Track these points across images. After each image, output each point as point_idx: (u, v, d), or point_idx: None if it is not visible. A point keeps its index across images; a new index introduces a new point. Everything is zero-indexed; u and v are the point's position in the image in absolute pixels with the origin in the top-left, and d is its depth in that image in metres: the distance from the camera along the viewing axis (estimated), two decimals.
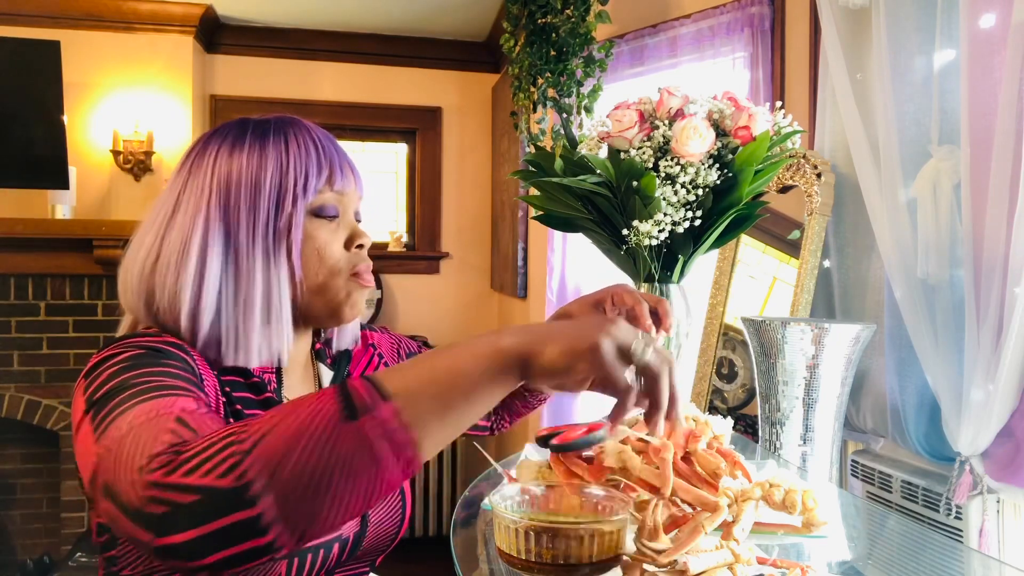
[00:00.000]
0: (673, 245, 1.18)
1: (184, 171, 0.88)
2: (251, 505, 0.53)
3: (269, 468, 0.53)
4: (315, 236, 0.88)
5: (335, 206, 0.90)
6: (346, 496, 0.55)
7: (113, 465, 0.59)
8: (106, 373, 0.72)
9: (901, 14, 1.47)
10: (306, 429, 0.55)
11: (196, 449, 0.56)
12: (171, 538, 0.54)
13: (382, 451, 0.55)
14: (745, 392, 1.86)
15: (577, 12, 2.29)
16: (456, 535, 0.95)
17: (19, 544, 3.39)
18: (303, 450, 0.54)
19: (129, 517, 0.56)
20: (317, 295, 0.89)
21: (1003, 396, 1.24)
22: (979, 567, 0.98)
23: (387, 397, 0.56)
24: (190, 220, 0.84)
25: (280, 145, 0.87)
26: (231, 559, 0.54)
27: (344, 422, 0.55)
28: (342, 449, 0.54)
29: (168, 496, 0.54)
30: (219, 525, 0.53)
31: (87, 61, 3.43)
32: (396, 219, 4.23)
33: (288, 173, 0.86)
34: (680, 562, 0.69)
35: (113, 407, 0.66)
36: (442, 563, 2.15)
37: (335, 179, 0.89)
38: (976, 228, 1.30)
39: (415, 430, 0.56)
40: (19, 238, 3.20)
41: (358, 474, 0.55)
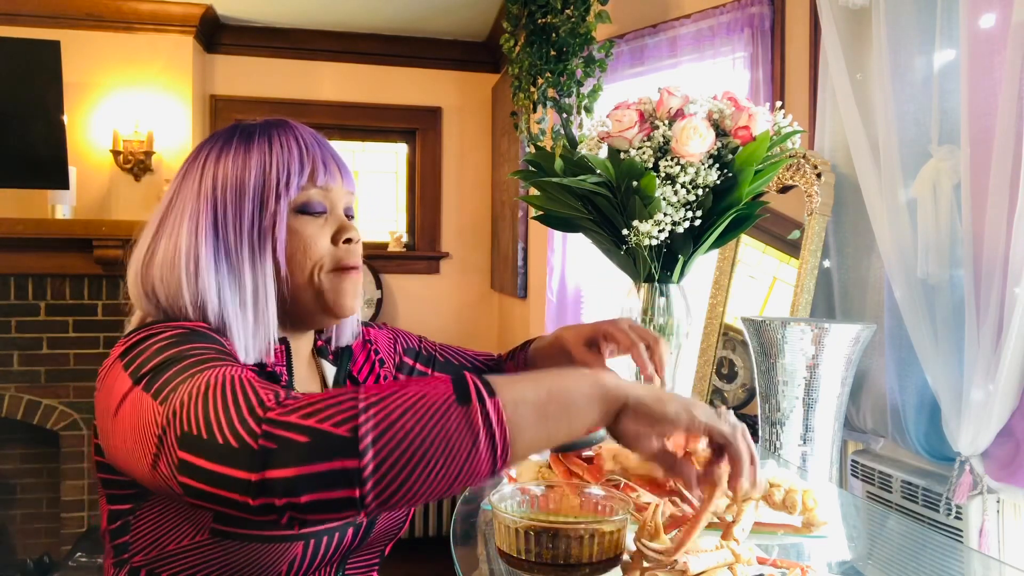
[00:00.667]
0: (673, 245, 1.18)
1: (179, 176, 0.91)
2: (358, 456, 0.58)
3: (381, 427, 0.59)
4: (301, 232, 0.89)
5: (321, 202, 0.91)
6: (439, 472, 0.60)
7: (199, 415, 0.63)
8: (151, 350, 0.74)
9: (901, 14, 1.47)
10: (421, 401, 0.60)
11: (313, 399, 0.61)
12: (275, 472, 0.58)
13: (482, 438, 0.60)
14: (745, 392, 1.86)
15: (577, 12, 2.29)
16: (456, 535, 0.95)
17: (19, 544, 3.39)
18: (415, 418, 0.59)
19: (224, 458, 0.60)
20: (305, 290, 0.90)
21: (1003, 396, 1.24)
22: (979, 567, 0.98)
23: (494, 393, 0.62)
24: (180, 222, 0.87)
25: (264, 146, 0.89)
26: (320, 504, 0.59)
27: (457, 404, 0.61)
28: (450, 426, 0.60)
29: (282, 433, 0.59)
30: (323, 467, 0.58)
31: (87, 61, 3.43)
32: (396, 219, 4.23)
33: (271, 172, 0.87)
34: (680, 562, 0.69)
35: (174, 374, 0.69)
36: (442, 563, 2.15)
37: (318, 175, 0.90)
38: (976, 228, 1.30)
39: (511, 427, 0.62)
40: (19, 238, 3.20)
41: (456, 454, 0.60)
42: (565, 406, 0.65)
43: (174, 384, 0.67)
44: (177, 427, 0.64)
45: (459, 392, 0.61)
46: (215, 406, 0.63)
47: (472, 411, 0.60)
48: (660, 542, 0.73)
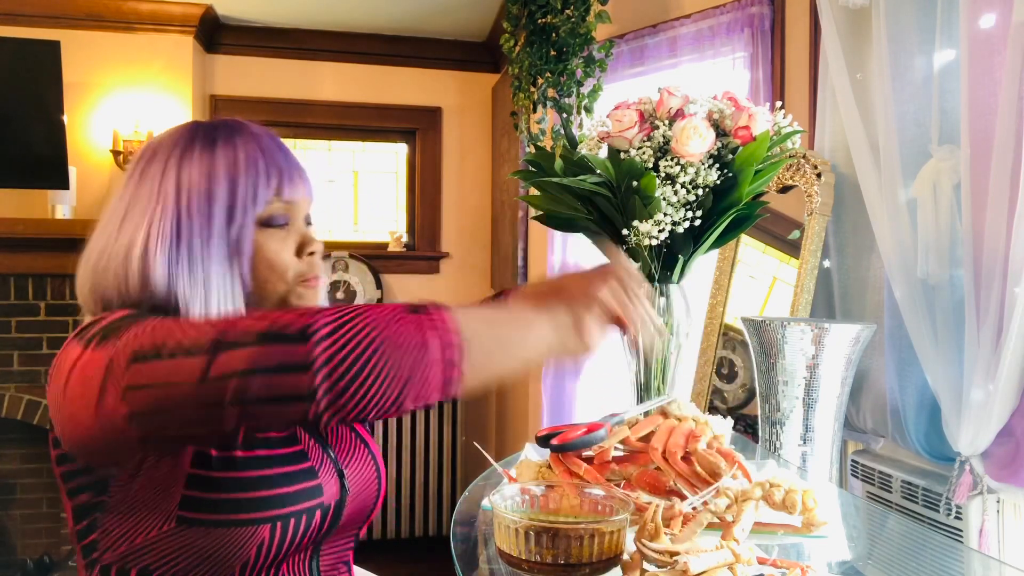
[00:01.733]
0: (673, 245, 1.18)
1: (135, 176, 0.89)
2: (308, 342, 0.61)
3: (334, 325, 0.62)
4: (265, 246, 0.89)
5: (284, 215, 0.91)
6: (390, 369, 0.62)
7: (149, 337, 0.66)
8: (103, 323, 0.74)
9: (901, 14, 1.47)
10: (373, 310, 0.64)
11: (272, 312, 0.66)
12: (227, 352, 0.61)
13: (431, 339, 0.63)
14: (745, 392, 1.86)
15: (577, 12, 2.29)
16: (456, 535, 0.95)
17: (19, 544, 3.39)
18: (366, 321, 0.63)
19: (176, 354, 0.63)
20: (267, 301, 0.90)
21: (1003, 396, 1.24)
22: (979, 567, 0.98)
23: (448, 310, 0.66)
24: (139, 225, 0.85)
25: (229, 154, 0.87)
26: (271, 397, 0.61)
27: (407, 312, 0.65)
28: (400, 328, 0.63)
29: (242, 324, 0.63)
30: (275, 352, 0.61)
31: (87, 61, 3.43)
32: (396, 219, 4.23)
33: (238, 184, 0.86)
34: (680, 562, 0.69)
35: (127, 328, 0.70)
36: (442, 563, 2.15)
37: (283, 189, 0.90)
38: (976, 228, 1.30)
39: (464, 340, 0.65)
40: (19, 238, 3.20)
41: (405, 352, 0.62)
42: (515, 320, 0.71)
43: (123, 328, 0.70)
44: (125, 352, 0.66)
45: (412, 306, 0.66)
46: (166, 330, 0.66)
47: (422, 317, 0.64)
48: (660, 542, 0.73)
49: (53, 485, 3.40)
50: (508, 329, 0.70)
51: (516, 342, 0.70)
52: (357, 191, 4.17)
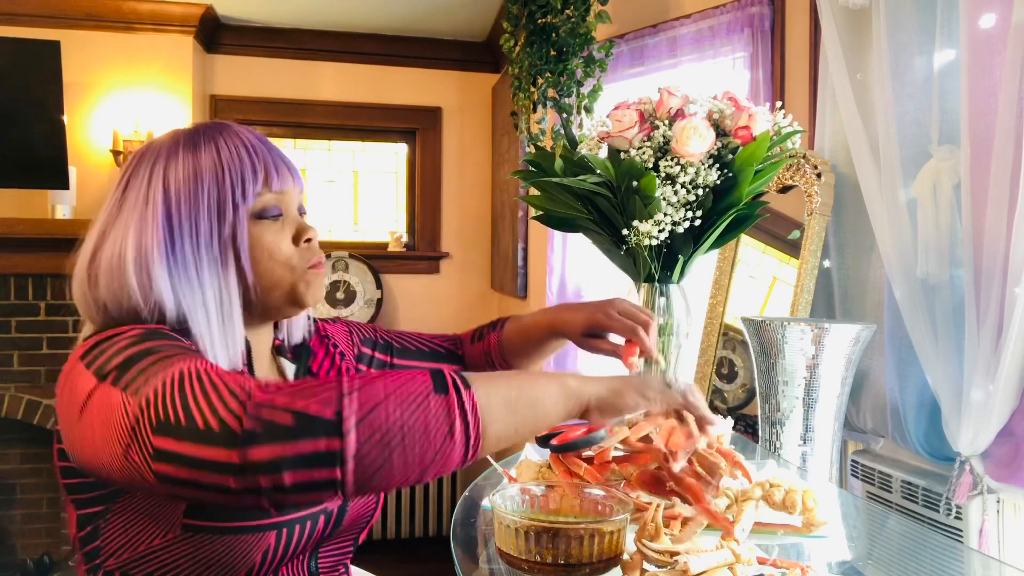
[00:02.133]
0: (673, 245, 1.18)
1: (121, 186, 0.89)
2: (341, 436, 0.60)
3: (364, 409, 0.61)
4: (262, 238, 0.89)
5: (276, 206, 0.91)
6: (415, 456, 0.63)
7: (176, 402, 0.63)
8: (113, 348, 0.73)
9: (901, 14, 1.47)
10: (402, 388, 0.64)
11: (296, 385, 0.63)
12: (259, 450, 0.60)
13: (458, 426, 0.64)
14: (745, 392, 1.86)
15: (577, 12, 2.29)
16: (456, 535, 0.95)
17: (19, 544, 3.39)
18: (396, 403, 0.63)
19: (207, 440, 0.61)
20: (274, 290, 0.91)
21: (1003, 396, 1.24)
22: (979, 567, 0.98)
23: (469, 386, 0.66)
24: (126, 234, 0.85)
25: (212, 154, 0.87)
26: (302, 485, 0.61)
27: (435, 393, 0.64)
28: (428, 412, 0.63)
29: (267, 415, 0.61)
30: (308, 448, 0.60)
31: (87, 61, 3.43)
32: (396, 219, 4.23)
33: (224, 181, 0.86)
34: (680, 562, 0.69)
35: (143, 367, 0.69)
36: (442, 563, 2.15)
37: (272, 180, 0.90)
38: (976, 228, 1.30)
39: (485, 418, 0.66)
40: (19, 238, 3.20)
41: (432, 439, 0.63)
42: (532, 403, 0.70)
43: (145, 376, 0.67)
44: (152, 415, 0.64)
45: (437, 383, 0.65)
46: (193, 393, 0.64)
47: (450, 399, 0.64)
48: (660, 542, 0.73)
49: (53, 485, 3.40)
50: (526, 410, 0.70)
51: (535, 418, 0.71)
52: (357, 191, 4.17)
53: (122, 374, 0.69)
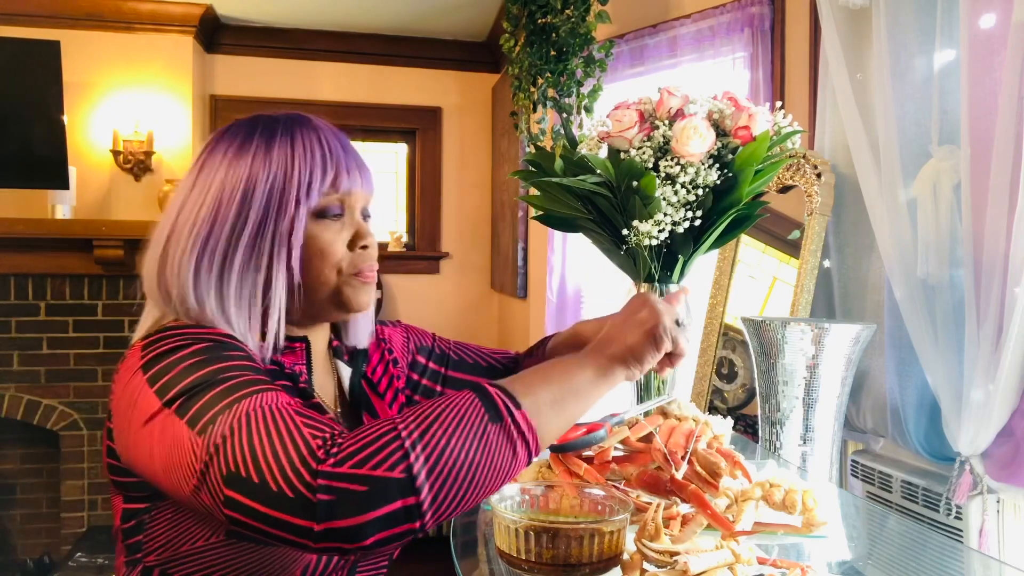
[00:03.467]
0: (673, 245, 1.18)
1: (195, 170, 0.89)
2: (416, 493, 0.62)
3: (431, 461, 0.62)
4: (318, 237, 0.88)
5: (339, 206, 0.90)
6: (486, 484, 0.65)
7: (246, 454, 0.64)
8: (180, 367, 0.72)
9: (901, 14, 1.47)
10: (460, 427, 0.65)
11: (360, 443, 0.63)
12: (338, 523, 0.61)
13: (520, 448, 0.67)
14: (745, 392, 1.86)
15: (577, 12, 2.29)
16: (456, 535, 0.95)
17: (19, 544, 3.39)
18: (459, 445, 0.64)
19: (278, 505, 0.61)
20: (319, 292, 0.90)
21: (1003, 396, 1.24)
22: (979, 567, 0.98)
23: (520, 405, 0.68)
24: (195, 219, 0.85)
25: (286, 148, 0.87)
26: (385, 540, 0.62)
27: (492, 423, 0.66)
28: (491, 445, 0.65)
29: (339, 485, 0.61)
30: (387, 511, 0.61)
31: (87, 61, 3.43)
32: (396, 219, 4.23)
33: (292, 177, 0.86)
34: (680, 562, 0.69)
35: (209, 401, 0.68)
36: (442, 563, 2.14)
37: (340, 182, 0.89)
38: (976, 228, 1.30)
39: (539, 428, 0.69)
40: (19, 238, 3.20)
41: (500, 467, 0.66)
42: (576, 395, 0.73)
43: (212, 414, 0.67)
44: (221, 464, 0.64)
45: (489, 410, 0.67)
46: (262, 447, 0.64)
47: (507, 426, 0.67)
48: (660, 542, 0.73)
49: (53, 485, 3.40)
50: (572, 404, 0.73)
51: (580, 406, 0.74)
52: None
53: (187, 405, 0.69)
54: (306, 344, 0.93)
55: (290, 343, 0.91)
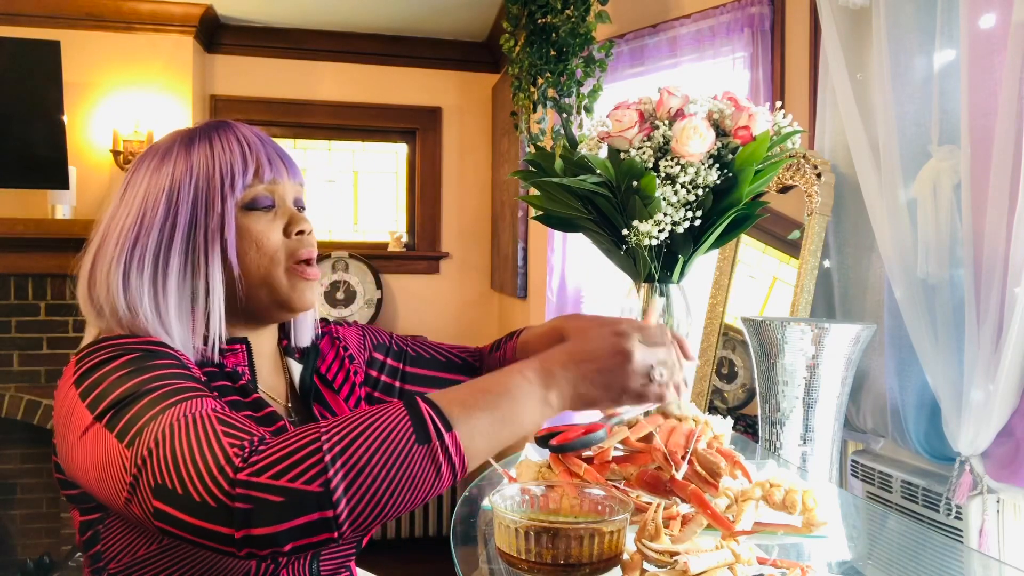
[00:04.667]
0: (673, 245, 1.18)
1: (121, 188, 0.91)
2: (333, 507, 0.62)
3: (350, 477, 0.62)
4: (251, 229, 0.89)
5: (268, 196, 0.91)
6: (406, 501, 0.65)
7: (171, 467, 0.64)
8: (109, 380, 0.73)
9: (901, 14, 1.47)
10: (384, 445, 0.64)
11: (280, 453, 0.63)
12: (256, 531, 0.61)
13: (445, 470, 0.66)
14: (745, 392, 1.86)
15: (577, 12, 2.29)
16: (456, 535, 0.95)
17: (19, 544, 3.39)
18: (380, 464, 0.63)
19: (202, 514, 0.62)
20: (260, 287, 0.91)
21: (1003, 396, 1.24)
22: (979, 567, 0.98)
23: (451, 428, 0.66)
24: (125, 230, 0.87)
25: (205, 149, 0.89)
26: (303, 547, 0.63)
27: (418, 444, 0.65)
28: (414, 466, 0.64)
29: (257, 495, 0.61)
30: (302, 522, 0.62)
31: (87, 61, 3.43)
32: (396, 219, 4.23)
33: (214, 174, 0.88)
34: (680, 562, 0.69)
35: (136, 413, 0.69)
36: (442, 563, 2.15)
37: (263, 172, 0.91)
38: (976, 228, 1.30)
39: (468, 453, 0.67)
40: (19, 238, 3.20)
41: (421, 486, 0.65)
42: (513, 424, 0.70)
43: (138, 427, 0.68)
44: (149, 477, 0.65)
45: (418, 429, 0.65)
46: (183, 458, 0.64)
47: (433, 448, 0.65)
48: (660, 542, 0.73)
49: (53, 485, 3.40)
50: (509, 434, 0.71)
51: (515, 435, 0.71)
52: (357, 191, 4.17)
53: (116, 418, 0.69)
54: (247, 345, 0.94)
55: (230, 344, 0.92)
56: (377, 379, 1.13)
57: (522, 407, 0.71)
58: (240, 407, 0.88)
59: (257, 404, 0.90)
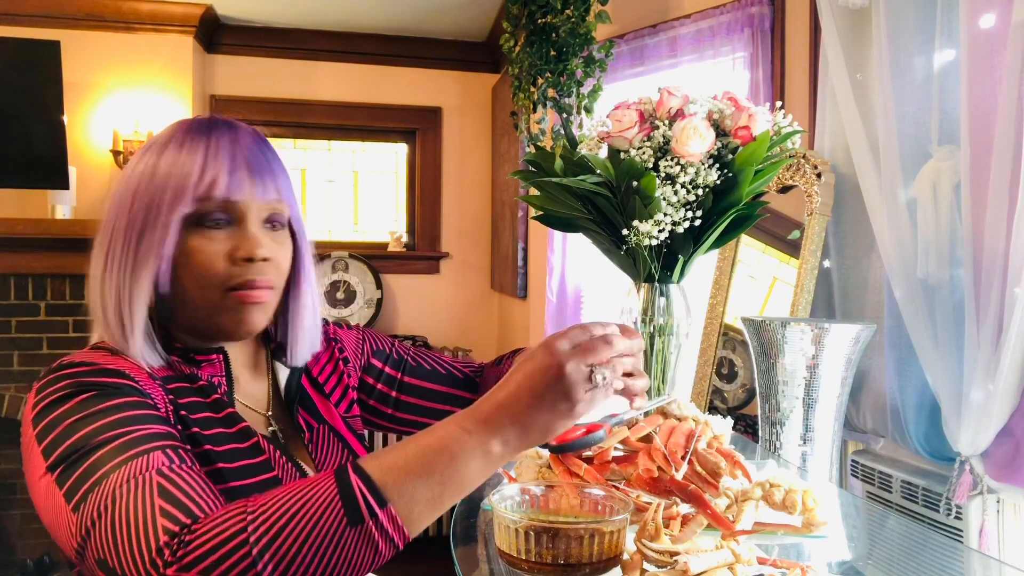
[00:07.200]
0: (673, 245, 1.18)
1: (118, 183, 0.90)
2: None
3: (280, 568, 0.59)
4: (194, 247, 0.83)
5: (221, 213, 0.84)
6: None
7: (111, 546, 0.63)
8: (62, 426, 0.72)
9: (901, 14, 1.47)
10: (313, 531, 0.60)
11: (207, 545, 0.60)
12: None
13: (383, 546, 0.62)
14: (745, 392, 1.86)
15: (577, 12, 2.29)
16: (456, 535, 0.95)
17: (19, 544, 3.39)
18: (311, 552, 0.60)
19: None
20: (198, 310, 0.85)
21: (1003, 396, 1.24)
22: (979, 567, 0.98)
23: (385, 503, 0.62)
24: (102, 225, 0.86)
25: (173, 151, 0.84)
26: None
27: (350, 526, 0.61)
28: (348, 549, 0.61)
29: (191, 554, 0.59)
30: None
31: (87, 61, 3.43)
32: (396, 219, 4.23)
33: (168, 181, 0.82)
34: (680, 562, 0.69)
35: (84, 472, 0.68)
36: (442, 563, 2.14)
37: (217, 187, 0.83)
38: (976, 228, 1.30)
39: (408, 526, 0.64)
40: (19, 238, 3.20)
41: (358, 565, 0.62)
42: (457, 486, 0.65)
43: (84, 490, 0.67)
44: (93, 549, 0.65)
45: (349, 510, 0.61)
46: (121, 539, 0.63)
47: (367, 529, 0.61)
48: (660, 542, 0.73)
49: None
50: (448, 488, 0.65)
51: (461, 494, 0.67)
52: (357, 191, 4.17)
53: (65, 475, 0.68)
54: (224, 355, 0.91)
55: (206, 355, 0.89)
56: (373, 387, 1.10)
57: (462, 464, 0.65)
58: (211, 424, 0.85)
59: (230, 419, 0.87)
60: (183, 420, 0.83)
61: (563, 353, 0.67)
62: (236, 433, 0.87)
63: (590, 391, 0.67)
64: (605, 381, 0.68)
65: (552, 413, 0.67)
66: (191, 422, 0.83)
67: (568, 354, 0.67)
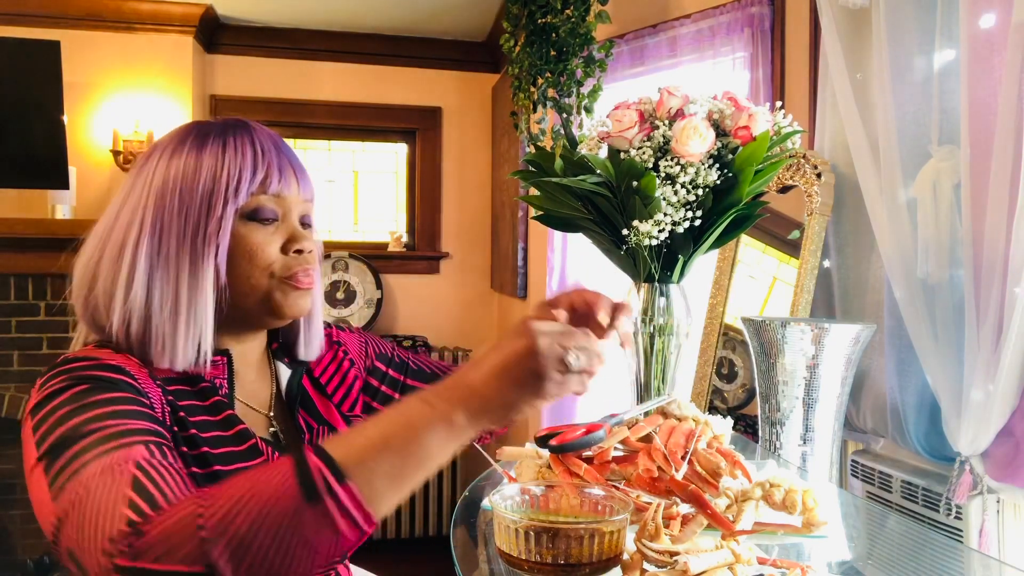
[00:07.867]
0: (673, 245, 1.18)
1: (131, 177, 0.90)
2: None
3: (236, 554, 0.58)
4: (247, 239, 0.87)
5: (272, 209, 0.89)
6: (306, 564, 0.60)
7: (76, 535, 0.63)
8: (55, 416, 0.73)
9: (901, 14, 1.47)
10: (269, 513, 0.59)
11: (161, 533, 0.59)
12: None
13: (342, 526, 0.60)
14: (745, 392, 1.86)
15: (577, 12, 2.29)
16: (456, 535, 0.95)
17: (19, 544, 3.39)
18: (267, 534, 0.58)
19: None
20: (248, 296, 0.88)
21: (1003, 396, 1.24)
22: (979, 567, 0.98)
23: (344, 479, 0.60)
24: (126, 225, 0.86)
25: (217, 149, 0.87)
26: None
27: (306, 504, 0.59)
28: (305, 530, 0.59)
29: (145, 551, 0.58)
30: None
31: (87, 61, 3.43)
32: (396, 219, 4.23)
33: (220, 177, 0.86)
34: (680, 562, 0.69)
35: (67, 462, 0.68)
36: (442, 563, 2.15)
37: (270, 182, 0.88)
38: (976, 228, 1.30)
39: (372, 504, 0.61)
40: (19, 238, 3.20)
41: (318, 547, 0.60)
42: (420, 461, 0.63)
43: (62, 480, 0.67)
44: (63, 538, 0.65)
45: (305, 488, 0.59)
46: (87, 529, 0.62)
47: (325, 507, 0.59)
48: (660, 542, 0.73)
49: None
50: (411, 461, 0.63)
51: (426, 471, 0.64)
52: (357, 191, 4.17)
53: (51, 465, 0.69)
54: (228, 356, 0.92)
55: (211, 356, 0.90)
56: (377, 389, 1.11)
57: (424, 436, 0.63)
58: (209, 427, 0.86)
59: (228, 422, 0.87)
60: (182, 422, 0.83)
61: (538, 330, 0.66)
62: (233, 436, 0.87)
63: (562, 373, 0.66)
64: (579, 364, 0.66)
65: (520, 389, 0.65)
66: (190, 424, 0.84)
67: (544, 332, 0.66)
